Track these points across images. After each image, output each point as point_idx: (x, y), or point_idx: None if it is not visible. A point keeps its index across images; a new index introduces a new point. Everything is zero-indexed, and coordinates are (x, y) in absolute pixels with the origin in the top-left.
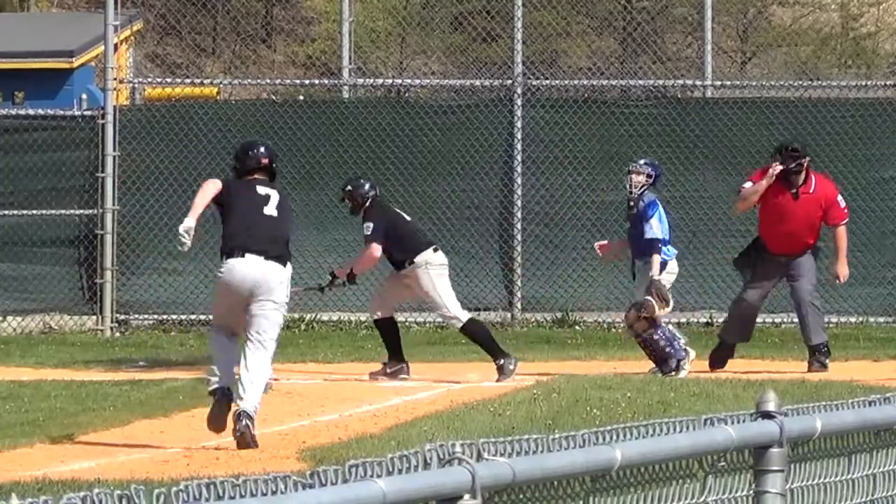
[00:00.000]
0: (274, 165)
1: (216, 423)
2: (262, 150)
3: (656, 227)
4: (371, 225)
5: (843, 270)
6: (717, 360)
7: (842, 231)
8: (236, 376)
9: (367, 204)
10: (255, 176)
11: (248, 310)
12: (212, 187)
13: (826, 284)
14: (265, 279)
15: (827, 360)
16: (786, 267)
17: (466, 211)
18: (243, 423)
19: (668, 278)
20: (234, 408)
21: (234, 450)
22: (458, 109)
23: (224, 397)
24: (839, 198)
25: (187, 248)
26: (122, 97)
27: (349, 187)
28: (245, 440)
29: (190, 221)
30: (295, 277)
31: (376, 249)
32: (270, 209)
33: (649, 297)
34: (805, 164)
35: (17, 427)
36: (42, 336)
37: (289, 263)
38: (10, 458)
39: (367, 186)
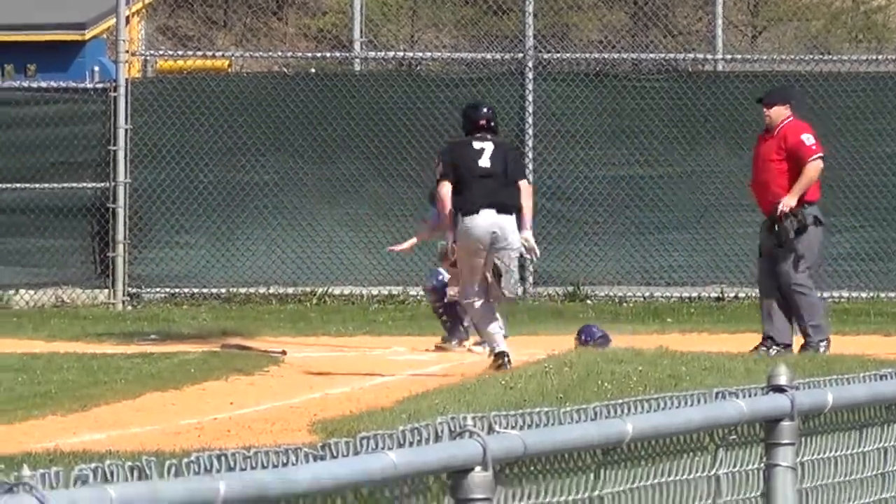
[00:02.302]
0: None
1: None
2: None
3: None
4: None
5: (788, 201)
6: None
7: (808, 167)
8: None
9: None
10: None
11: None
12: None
13: (839, 259)
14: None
15: (819, 343)
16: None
17: None
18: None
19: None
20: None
21: (244, 423)
22: (470, 83)
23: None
24: (804, 136)
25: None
26: (133, 70)
27: None
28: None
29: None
30: (306, 250)
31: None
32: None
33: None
34: (768, 112)
35: (30, 399)
36: (54, 309)
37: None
38: (23, 429)
39: None
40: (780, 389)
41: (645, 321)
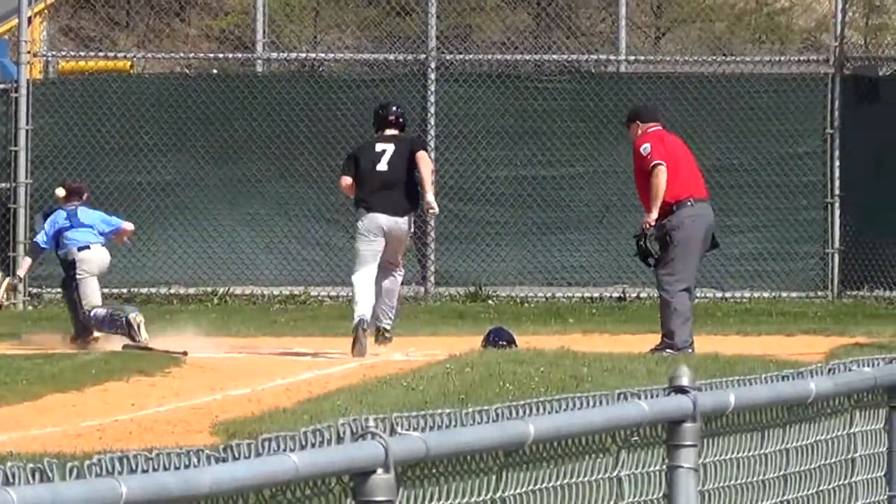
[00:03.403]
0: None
1: None
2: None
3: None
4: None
5: (648, 220)
6: None
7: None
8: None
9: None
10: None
11: None
12: None
13: (742, 259)
14: None
15: (667, 351)
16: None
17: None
18: None
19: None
20: None
21: (145, 424)
22: (372, 84)
23: None
24: (642, 147)
25: None
26: (35, 71)
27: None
28: None
29: None
30: (207, 250)
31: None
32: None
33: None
34: (630, 126)
35: None
36: None
37: None
38: None
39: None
40: (681, 390)
41: (546, 322)
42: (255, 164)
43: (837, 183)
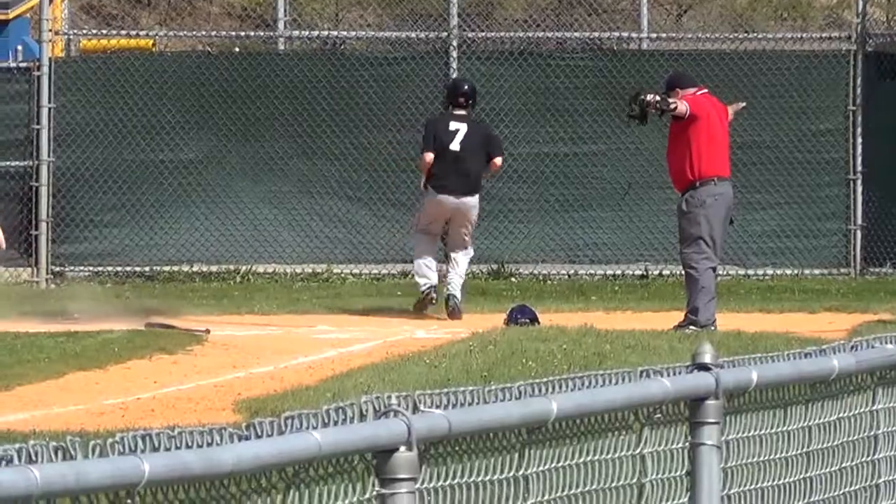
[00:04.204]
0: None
1: None
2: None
3: None
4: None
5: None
6: None
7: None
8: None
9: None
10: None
11: None
12: None
13: (764, 236)
14: None
15: (690, 328)
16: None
17: (403, 163)
18: None
19: None
20: None
21: (168, 402)
22: (394, 62)
23: None
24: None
25: None
26: (57, 49)
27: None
28: None
29: None
30: (230, 228)
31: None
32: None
33: None
34: (671, 96)
35: None
36: None
37: None
38: None
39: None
40: (704, 368)
41: (569, 299)
42: (277, 142)
43: (860, 160)
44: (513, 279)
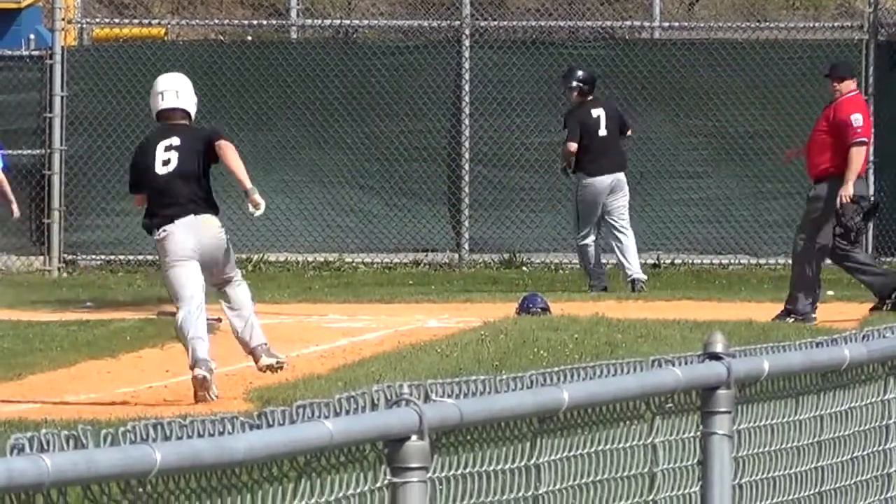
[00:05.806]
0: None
1: None
2: None
3: None
4: None
5: (844, 193)
6: None
7: (850, 153)
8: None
9: None
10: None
11: None
12: None
13: (776, 225)
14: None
15: (792, 316)
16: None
17: (414, 152)
18: None
19: None
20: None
21: (179, 391)
22: (407, 50)
23: None
24: (854, 116)
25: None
26: (69, 38)
27: None
28: None
29: None
30: (242, 217)
31: None
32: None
33: None
34: (838, 86)
35: None
36: None
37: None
38: None
39: None
40: (716, 357)
41: (580, 288)
42: (289, 130)
43: (872, 149)
44: (524, 268)
